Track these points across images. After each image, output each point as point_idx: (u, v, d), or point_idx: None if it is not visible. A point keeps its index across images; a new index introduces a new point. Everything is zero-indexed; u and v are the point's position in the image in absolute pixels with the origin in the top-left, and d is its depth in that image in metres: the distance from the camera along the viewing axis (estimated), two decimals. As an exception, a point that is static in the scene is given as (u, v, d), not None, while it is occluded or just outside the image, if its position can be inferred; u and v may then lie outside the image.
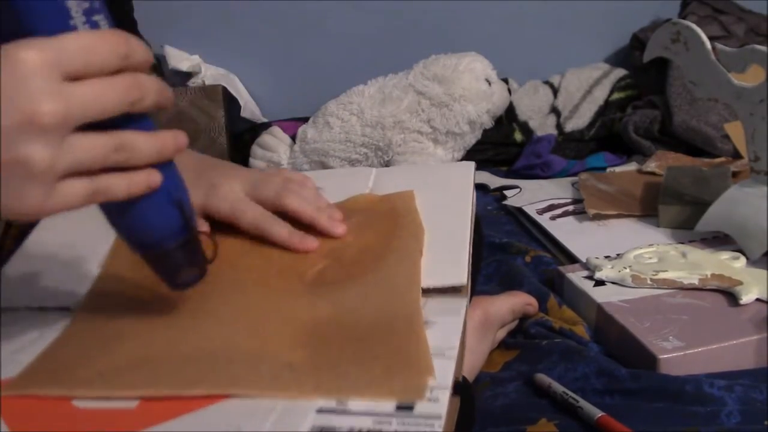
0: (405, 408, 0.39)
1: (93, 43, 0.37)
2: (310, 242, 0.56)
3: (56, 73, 0.36)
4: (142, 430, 0.39)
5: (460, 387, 0.53)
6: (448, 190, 0.63)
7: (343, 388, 0.41)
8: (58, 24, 0.37)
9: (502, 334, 0.81)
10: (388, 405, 0.40)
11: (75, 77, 0.37)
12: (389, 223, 0.58)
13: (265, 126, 1.52)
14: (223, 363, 0.44)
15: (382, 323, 0.47)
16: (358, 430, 0.38)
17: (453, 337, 0.46)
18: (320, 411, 0.40)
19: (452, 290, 0.51)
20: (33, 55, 0.35)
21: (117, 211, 0.43)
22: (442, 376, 0.42)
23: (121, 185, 0.40)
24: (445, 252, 0.54)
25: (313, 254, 0.56)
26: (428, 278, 0.52)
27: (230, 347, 0.46)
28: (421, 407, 0.39)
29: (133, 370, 0.44)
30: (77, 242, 0.60)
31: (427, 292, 0.51)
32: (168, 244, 0.45)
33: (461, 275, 0.51)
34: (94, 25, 0.39)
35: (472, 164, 0.67)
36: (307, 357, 0.44)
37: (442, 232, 0.57)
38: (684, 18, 1.45)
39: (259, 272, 0.55)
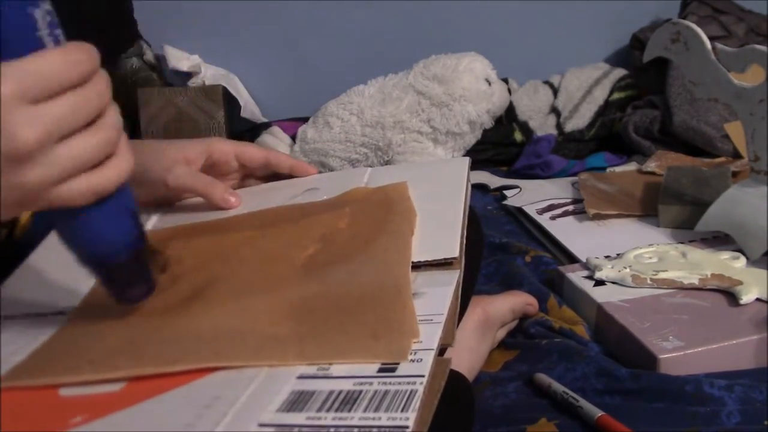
0: (387, 369, 0.39)
1: (56, 65, 0.38)
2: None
3: (26, 101, 0.36)
4: (124, 408, 0.39)
5: (460, 379, 0.53)
6: (442, 183, 0.63)
7: (326, 354, 0.41)
8: (27, 37, 0.37)
9: (502, 333, 0.81)
10: (370, 367, 0.39)
11: (44, 99, 0.37)
12: (382, 210, 0.59)
13: (265, 126, 1.52)
14: (208, 340, 0.45)
15: (369, 295, 0.47)
16: (338, 392, 0.38)
17: (441, 304, 0.45)
18: (301, 377, 0.40)
19: (445, 264, 0.51)
20: (2, 89, 0.36)
21: (71, 223, 0.43)
22: (428, 339, 0.41)
23: (112, 176, 0.41)
24: (438, 230, 0.55)
25: (304, 240, 0.57)
26: (420, 254, 0.52)
27: (216, 326, 0.46)
28: (403, 368, 0.39)
29: (119, 353, 0.45)
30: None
31: (419, 267, 0.51)
32: (121, 256, 0.44)
33: (453, 248, 0.51)
34: (57, 39, 0.39)
35: (466, 159, 0.68)
36: (292, 328, 0.45)
37: (435, 216, 0.57)
38: (684, 18, 1.45)
39: (250, 261, 0.55)
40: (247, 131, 1.54)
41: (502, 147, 1.47)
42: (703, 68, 0.90)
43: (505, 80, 1.49)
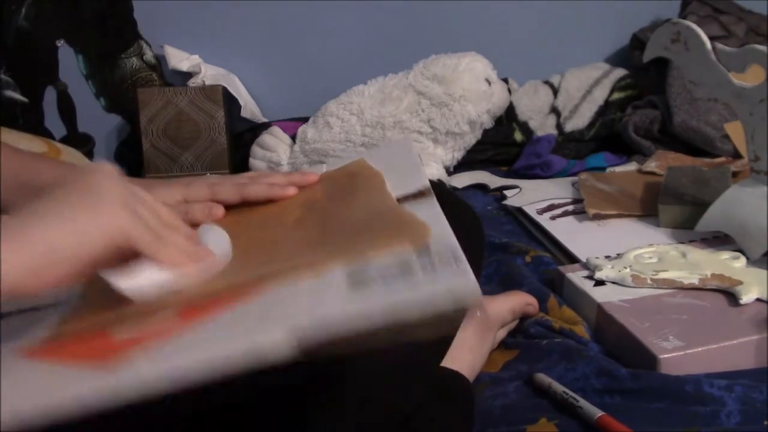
0: (422, 253, 0.41)
1: None
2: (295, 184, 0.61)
3: None
4: (194, 325, 0.39)
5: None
6: (395, 156, 0.67)
7: (360, 252, 0.42)
8: None
9: (502, 334, 0.81)
10: (408, 254, 0.41)
11: None
12: (350, 179, 0.62)
13: (265, 126, 1.52)
14: (244, 274, 0.45)
15: (370, 221, 0.50)
16: (391, 269, 0.39)
17: (434, 213, 0.48)
18: (350, 273, 0.41)
19: (419, 194, 0.54)
20: None
21: None
22: (440, 229, 0.43)
23: None
24: (403, 176, 0.58)
25: (288, 205, 0.59)
26: (395, 193, 0.55)
27: (246, 270, 0.47)
28: (435, 248, 0.41)
29: (159, 307, 0.44)
30: None
31: (398, 200, 0.54)
32: None
33: (422, 181, 0.55)
34: None
35: (408, 137, 0.71)
36: (317, 253, 0.46)
37: (396, 170, 0.60)
38: (684, 18, 1.45)
39: (244, 230, 0.57)
40: (247, 131, 1.54)
41: (502, 147, 1.47)
42: (703, 68, 0.90)
43: (505, 80, 1.49)
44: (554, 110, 1.49)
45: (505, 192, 1.26)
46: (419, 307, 0.35)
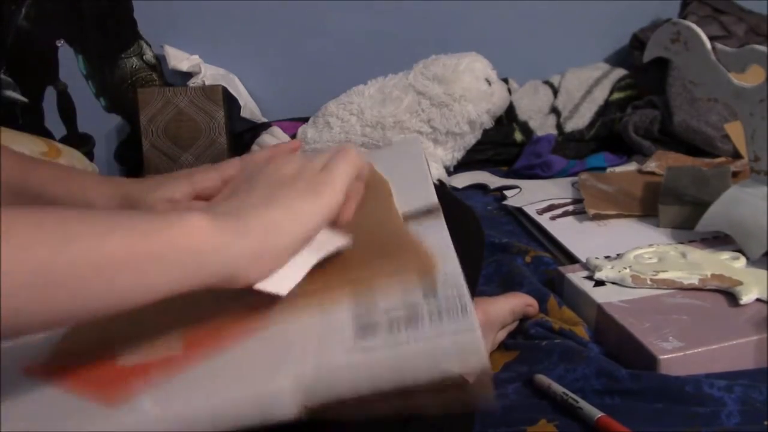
0: (429, 294, 0.41)
1: None
2: None
3: None
4: (201, 363, 0.39)
5: None
6: (400, 156, 0.67)
7: (363, 292, 0.43)
8: None
9: (502, 335, 0.81)
10: (414, 295, 0.42)
11: None
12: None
13: (265, 126, 1.52)
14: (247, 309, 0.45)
15: (375, 249, 0.50)
16: (398, 317, 0.40)
17: (444, 240, 0.48)
18: (356, 315, 0.41)
19: (427, 213, 0.55)
20: None
21: None
22: (451, 267, 0.44)
23: None
24: (411, 188, 0.59)
25: None
26: (402, 208, 0.55)
27: (246, 303, 0.47)
28: (442, 289, 0.41)
29: (164, 329, 0.44)
30: None
31: (405, 219, 0.54)
32: None
33: (431, 197, 0.55)
34: None
35: (417, 136, 0.70)
36: (318, 287, 0.46)
37: (404, 178, 0.61)
38: (684, 18, 1.45)
39: None
40: (247, 131, 1.54)
41: (502, 147, 1.47)
42: (703, 68, 0.90)
43: (505, 80, 1.49)
44: (554, 110, 1.49)
45: (505, 192, 1.26)
46: (425, 366, 0.35)
